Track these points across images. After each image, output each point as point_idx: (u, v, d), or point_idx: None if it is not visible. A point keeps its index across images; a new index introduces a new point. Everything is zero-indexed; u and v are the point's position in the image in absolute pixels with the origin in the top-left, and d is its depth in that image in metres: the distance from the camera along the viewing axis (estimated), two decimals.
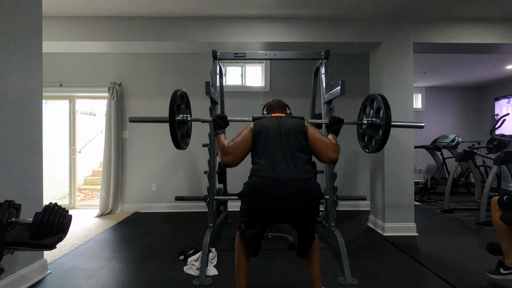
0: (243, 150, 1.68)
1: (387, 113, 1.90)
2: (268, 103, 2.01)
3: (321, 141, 1.68)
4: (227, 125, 1.84)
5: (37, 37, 2.11)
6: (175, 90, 1.91)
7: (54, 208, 0.79)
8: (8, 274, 1.87)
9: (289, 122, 1.73)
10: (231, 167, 1.67)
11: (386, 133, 1.93)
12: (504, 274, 1.93)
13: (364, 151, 2.25)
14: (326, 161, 1.69)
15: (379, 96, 1.99)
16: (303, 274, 2.17)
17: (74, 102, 4.36)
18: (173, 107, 1.83)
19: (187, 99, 2.11)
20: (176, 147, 1.95)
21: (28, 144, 2.02)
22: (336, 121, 1.86)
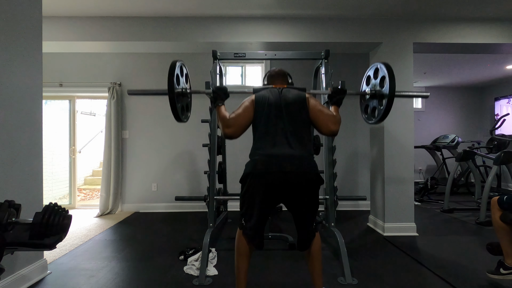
0: (245, 123, 1.67)
1: (391, 81, 1.82)
2: (269, 72, 1.93)
3: (322, 113, 1.67)
4: (227, 97, 1.79)
5: (37, 37, 2.11)
6: (174, 60, 1.83)
7: (54, 208, 0.79)
8: (8, 274, 1.87)
9: (290, 95, 1.70)
10: (232, 139, 1.67)
11: (390, 102, 1.84)
12: (504, 274, 1.93)
13: (367, 122, 2.17)
14: (326, 133, 1.70)
15: (383, 64, 1.89)
16: (303, 274, 2.17)
17: (74, 102, 4.36)
18: (172, 78, 1.76)
19: (186, 71, 2.02)
20: (176, 120, 1.88)
21: (28, 144, 2.02)
22: (339, 91, 1.80)
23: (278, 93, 1.71)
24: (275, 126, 1.63)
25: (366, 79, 2.14)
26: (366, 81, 2.13)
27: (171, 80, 1.76)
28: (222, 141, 3.32)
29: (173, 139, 4.24)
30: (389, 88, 1.82)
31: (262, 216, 1.63)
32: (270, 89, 1.75)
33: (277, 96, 1.69)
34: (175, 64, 1.80)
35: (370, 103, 2.08)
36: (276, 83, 1.84)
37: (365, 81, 2.14)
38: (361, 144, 4.32)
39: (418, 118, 6.45)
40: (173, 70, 1.77)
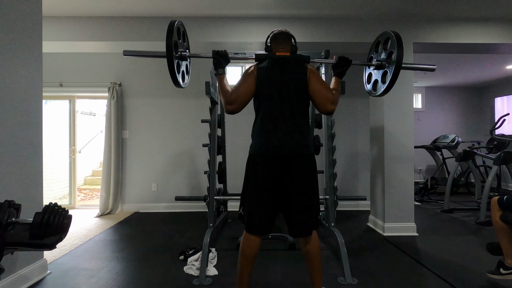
0: (247, 99, 1.69)
1: (399, 52, 1.76)
2: (273, 33, 1.82)
3: (321, 92, 1.67)
4: (227, 63, 1.77)
5: (37, 37, 2.11)
6: (172, 20, 1.69)
7: (54, 208, 0.79)
8: (8, 274, 1.87)
9: (292, 69, 1.68)
10: (233, 114, 1.70)
11: (396, 74, 1.79)
12: (504, 274, 1.93)
13: (370, 94, 2.11)
14: (322, 111, 1.74)
15: (393, 33, 1.83)
16: (303, 274, 2.17)
17: (74, 102, 4.36)
18: (170, 39, 1.63)
19: (184, 30, 1.89)
20: (175, 85, 1.78)
21: (28, 144, 2.02)
22: (344, 62, 1.78)
23: (280, 67, 1.68)
24: (274, 104, 1.64)
25: (374, 46, 2.07)
26: (374, 49, 2.07)
27: (169, 42, 1.63)
28: (222, 141, 3.32)
29: (173, 139, 4.24)
30: (396, 58, 1.76)
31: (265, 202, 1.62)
32: (273, 60, 1.71)
33: (279, 70, 1.67)
34: (173, 25, 1.67)
35: (374, 74, 2.01)
36: (279, 48, 1.77)
37: (373, 48, 2.08)
38: (361, 144, 4.32)
39: (418, 118, 6.44)
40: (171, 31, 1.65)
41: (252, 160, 1.66)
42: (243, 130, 1.99)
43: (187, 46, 1.97)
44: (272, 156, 1.61)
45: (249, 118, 1.90)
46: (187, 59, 1.93)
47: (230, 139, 3.91)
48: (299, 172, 1.62)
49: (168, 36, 1.63)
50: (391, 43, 1.85)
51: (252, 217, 1.64)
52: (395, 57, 1.77)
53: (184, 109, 4.19)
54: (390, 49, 1.85)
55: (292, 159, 1.61)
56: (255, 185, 1.64)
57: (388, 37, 1.88)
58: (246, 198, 1.67)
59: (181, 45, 1.83)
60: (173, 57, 1.68)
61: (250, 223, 1.64)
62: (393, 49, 1.81)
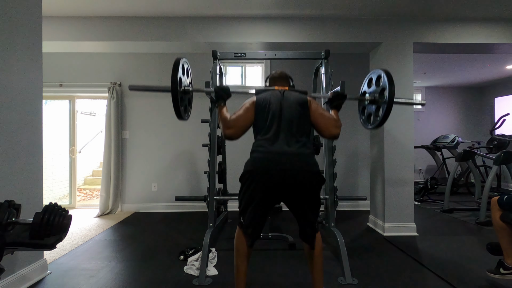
0: (245, 124, 1.67)
1: (390, 90, 1.83)
2: (270, 74, 1.95)
3: (323, 117, 1.68)
4: (229, 97, 1.79)
5: (37, 37, 2.11)
6: (177, 58, 1.82)
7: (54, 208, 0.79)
8: (8, 274, 1.87)
9: (291, 97, 1.71)
10: (232, 140, 1.68)
11: (388, 110, 1.86)
12: (504, 274, 1.93)
13: (364, 126, 2.18)
14: (327, 136, 1.72)
15: (384, 72, 1.91)
16: (303, 274, 2.17)
17: (74, 102, 4.36)
18: (176, 77, 1.74)
19: (188, 67, 2.01)
20: (178, 118, 1.87)
21: (28, 144, 2.02)
22: (339, 96, 1.83)
23: (280, 95, 1.72)
24: (275, 126, 1.63)
25: (366, 83, 2.15)
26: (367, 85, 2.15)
27: (175, 78, 1.74)
28: (222, 141, 3.32)
29: (173, 139, 4.24)
30: (388, 96, 1.85)
31: (261, 215, 1.63)
32: (272, 91, 1.76)
33: (278, 98, 1.70)
34: (179, 62, 1.79)
35: (368, 108, 2.11)
36: (278, 85, 1.85)
37: (366, 85, 2.16)
38: (361, 144, 4.32)
39: (418, 118, 6.45)
40: (176, 68, 1.76)
41: (249, 177, 1.60)
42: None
43: (190, 81, 2.08)
44: (272, 172, 1.55)
45: None
46: (190, 93, 2.03)
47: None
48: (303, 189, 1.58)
49: (173, 73, 1.75)
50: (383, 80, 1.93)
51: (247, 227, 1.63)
52: (387, 94, 1.85)
53: None
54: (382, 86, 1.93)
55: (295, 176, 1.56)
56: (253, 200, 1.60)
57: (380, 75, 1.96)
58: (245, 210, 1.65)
59: (185, 80, 1.94)
60: (178, 92, 1.77)
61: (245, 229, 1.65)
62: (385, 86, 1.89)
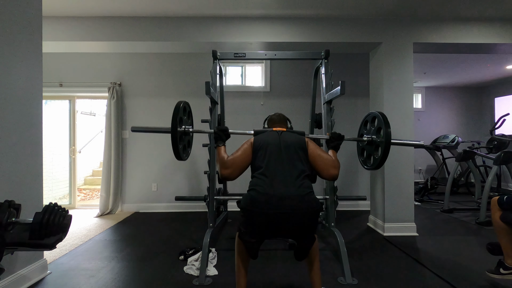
0: (242, 164, 1.68)
1: (387, 132, 1.91)
2: (269, 116, 2.04)
3: (321, 158, 1.69)
4: (227, 138, 1.84)
5: (37, 37, 2.11)
6: (178, 101, 1.92)
7: (54, 208, 0.79)
8: (8, 274, 1.87)
9: (289, 138, 1.73)
10: (229, 180, 1.68)
11: (386, 152, 1.95)
12: (504, 274, 1.93)
13: (363, 167, 2.26)
14: (326, 177, 1.71)
15: (379, 114, 2.01)
16: (303, 274, 2.17)
17: (74, 102, 4.36)
18: (176, 120, 1.83)
19: (189, 110, 2.13)
20: (177, 159, 1.95)
21: (28, 144, 2.02)
22: (337, 137, 1.89)
23: (278, 136, 1.74)
24: (273, 166, 1.61)
25: (363, 125, 2.25)
26: (364, 126, 2.24)
27: (175, 122, 1.82)
28: None
29: None
30: (385, 137, 1.92)
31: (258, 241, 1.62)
32: (270, 132, 1.79)
33: (276, 139, 1.72)
34: (180, 106, 1.89)
35: (367, 149, 2.20)
36: (276, 127, 1.89)
37: (363, 125, 2.25)
38: None
39: (418, 118, 6.44)
40: (177, 111, 1.85)
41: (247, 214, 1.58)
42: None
43: (191, 123, 2.17)
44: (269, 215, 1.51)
45: (249, 117, 1.91)
46: (190, 134, 2.12)
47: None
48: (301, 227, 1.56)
49: (174, 116, 1.84)
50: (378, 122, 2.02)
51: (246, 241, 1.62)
52: (384, 135, 1.93)
53: None
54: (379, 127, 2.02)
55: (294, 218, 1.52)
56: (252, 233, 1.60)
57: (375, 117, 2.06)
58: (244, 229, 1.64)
59: (185, 122, 2.03)
60: (177, 133, 1.84)
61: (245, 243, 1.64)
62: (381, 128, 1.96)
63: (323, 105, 2.73)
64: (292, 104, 4.22)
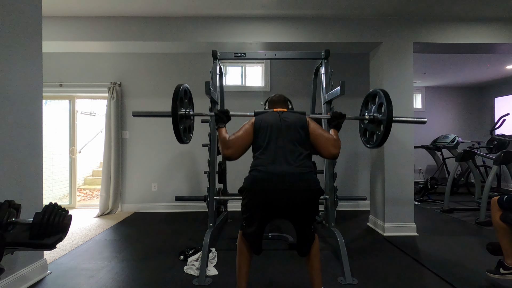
0: (244, 144, 1.69)
1: (388, 108, 1.89)
2: (269, 98, 2.02)
3: (322, 137, 1.69)
4: (228, 120, 1.84)
5: (37, 37, 2.11)
6: (178, 84, 1.91)
7: (54, 208, 0.79)
8: (8, 274, 1.87)
9: (290, 117, 1.73)
10: (231, 160, 1.69)
11: (388, 128, 1.93)
12: (504, 274, 1.93)
13: (365, 146, 2.25)
14: (327, 156, 1.72)
15: (381, 91, 1.98)
16: (303, 274, 2.17)
17: (74, 102, 4.36)
18: (176, 102, 1.83)
19: (190, 94, 2.12)
20: (178, 141, 1.96)
21: (28, 144, 2.02)
22: (338, 116, 1.86)
23: (279, 116, 1.74)
24: (274, 145, 1.64)
25: (364, 104, 2.22)
26: (365, 105, 2.21)
27: (175, 104, 1.83)
28: None
29: (173, 139, 4.18)
30: (387, 115, 1.90)
31: (261, 226, 1.64)
32: (271, 112, 1.79)
33: (277, 119, 1.72)
34: (179, 89, 1.88)
35: (369, 128, 2.17)
36: (277, 108, 1.89)
37: (364, 105, 2.23)
38: (361, 144, 4.29)
39: None
40: (176, 94, 1.85)
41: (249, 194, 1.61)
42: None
43: (192, 107, 2.16)
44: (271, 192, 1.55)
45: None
46: (191, 118, 2.11)
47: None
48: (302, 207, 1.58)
49: (174, 98, 1.84)
50: (379, 99, 2.00)
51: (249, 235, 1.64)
52: (386, 112, 1.92)
53: None
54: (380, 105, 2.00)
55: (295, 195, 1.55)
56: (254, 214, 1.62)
57: (377, 94, 2.03)
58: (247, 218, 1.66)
59: (186, 105, 2.02)
60: (178, 116, 1.85)
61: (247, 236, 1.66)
62: (383, 105, 1.94)
63: (323, 105, 2.73)
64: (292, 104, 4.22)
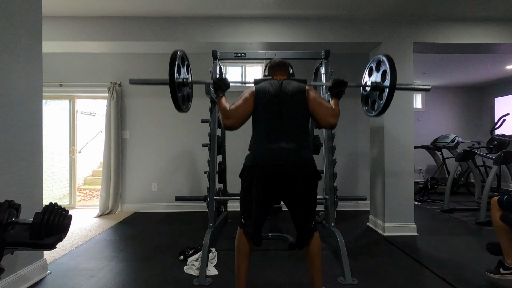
0: (244, 114, 1.69)
1: (392, 75, 1.81)
2: (269, 63, 1.91)
3: (321, 107, 1.68)
4: (227, 88, 1.80)
5: (37, 37, 2.11)
6: (175, 50, 1.82)
7: (54, 208, 0.79)
8: (8, 274, 1.87)
9: (290, 88, 1.70)
10: (231, 130, 1.69)
11: (390, 96, 1.84)
12: (504, 274, 1.93)
13: (367, 114, 2.16)
14: (325, 125, 1.72)
15: (385, 57, 1.88)
16: (303, 274, 2.17)
17: (74, 102, 4.36)
18: (173, 68, 1.75)
19: (188, 61, 2.02)
20: (177, 110, 1.87)
21: (28, 144, 2.02)
22: (340, 83, 1.80)
23: (279, 85, 1.71)
24: (274, 119, 1.64)
25: (368, 71, 2.13)
26: (368, 72, 2.12)
27: (172, 70, 1.75)
28: (222, 141, 3.32)
29: (173, 139, 4.24)
30: (390, 81, 1.82)
31: (261, 212, 1.64)
32: (271, 81, 1.75)
33: (277, 88, 1.70)
34: (176, 54, 1.78)
35: (371, 95, 2.08)
36: (277, 74, 1.83)
37: (367, 72, 2.13)
38: (361, 144, 4.32)
39: (418, 118, 6.44)
40: (174, 60, 1.76)
41: (250, 171, 1.63)
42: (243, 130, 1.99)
43: (189, 74, 2.07)
44: (271, 167, 1.58)
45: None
46: (189, 86, 2.02)
47: (230, 139, 3.91)
48: (300, 184, 1.60)
49: (171, 65, 1.74)
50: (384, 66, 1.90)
51: (249, 226, 1.65)
52: (389, 79, 1.83)
53: None
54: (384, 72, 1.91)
55: (291, 171, 1.58)
56: (253, 196, 1.63)
57: (382, 60, 1.93)
58: (245, 208, 1.68)
59: (183, 73, 1.92)
60: (176, 84, 1.76)
61: (246, 228, 1.66)
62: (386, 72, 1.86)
63: None
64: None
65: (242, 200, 1.69)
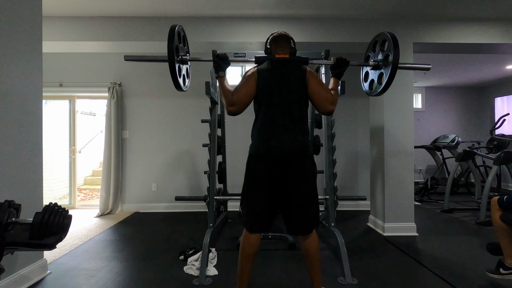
0: (248, 100, 1.70)
1: (395, 52, 1.78)
2: (272, 36, 1.83)
3: (320, 93, 1.69)
4: (228, 65, 1.78)
5: (37, 37, 2.11)
6: (173, 25, 1.73)
7: (54, 208, 0.79)
8: (8, 274, 1.87)
9: (291, 73, 1.70)
10: (234, 115, 1.72)
11: (392, 75, 1.81)
12: (504, 274, 1.93)
13: (367, 93, 2.13)
14: (322, 112, 1.76)
15: (390, 35, 1.85)
16: (303, 274, 2.17)
17: (74, 102, 4.36)
18: (172, 44, 1.68)
19: (184, 34, 1.92)
20: (176, 88, 1.82)
21: (28, 144, 2.02)
22: (341, 62, 1.80)
23: (280, 69, 1.70)
24: (275, 106, 1.66)
25: (371, 45, 2.09)
26: (372, 48, 2.09)
27: (171, 46, 1.68)
28: (222, 141, 3.32)
29: (173, 139, 4.24)
30: (393, 59, 1.79)
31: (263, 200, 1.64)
32: (272, 62, 1.72)
33: (278, 73, 1.69)
34: (174, 29, 1.71)
35: (372, 74, 2.05)
36: (279, 50, 1.78)
37: (371, 48, 2.10)
38: (361, 144, 4.32)
39: (418, 118, 6.44)
40: (172, 35, 1.69)
41: (252, 160, 1.68)
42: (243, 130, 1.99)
43: (187, 50, 2.00)
44: (272, 156, 1.62)
45: (249, 118, 1.90)
46: (187, 62, 1.97)
47: (230, 139, 3.91)
48: (299, 172, 1.63)
49: (169, 40, 1.67)
50: (388, 44, 1.87)
51: (252, 216, 1.66)
52: (392, 58, 1.80)
53: (184, 109, 4.19)
54: (387, 50, 1.87)
55: (291, 160, 1.62)
56: (254, 185, 1.66)
57: (385, 38, 1.89)
58: (246, 197, 1.69)
59: (181, 49, 1.86)
60: (175, 61, 1.70)
61: (250, 221, 1.67)
62: (390, 50, 1.83)
63: None
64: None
65: (242, 189, 1.73)
